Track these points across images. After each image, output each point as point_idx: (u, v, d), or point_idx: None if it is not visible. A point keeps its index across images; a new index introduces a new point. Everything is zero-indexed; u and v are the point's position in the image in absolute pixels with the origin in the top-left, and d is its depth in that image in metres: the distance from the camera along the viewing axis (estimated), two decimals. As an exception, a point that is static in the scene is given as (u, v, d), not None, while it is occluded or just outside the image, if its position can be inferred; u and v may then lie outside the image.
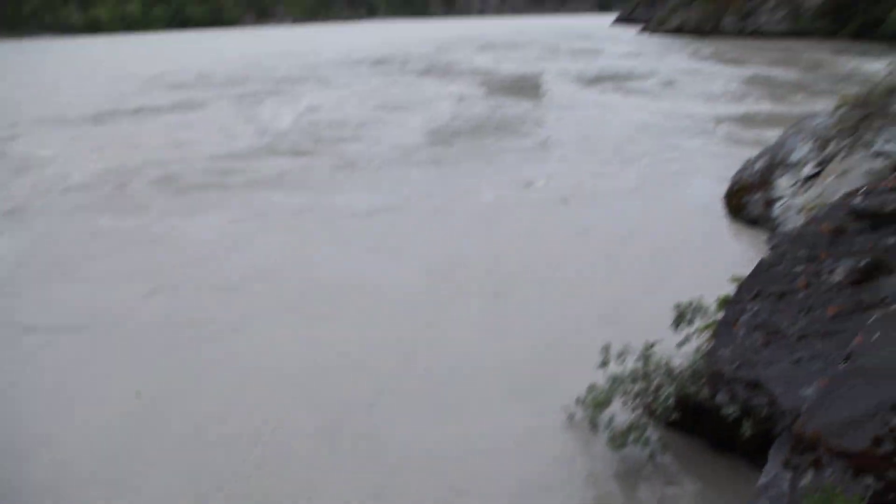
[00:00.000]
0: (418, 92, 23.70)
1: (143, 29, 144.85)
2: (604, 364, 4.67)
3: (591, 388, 4.66)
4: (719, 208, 10.08)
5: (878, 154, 9.43)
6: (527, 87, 25.22)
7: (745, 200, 10.26)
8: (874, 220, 3.20)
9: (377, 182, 11.62)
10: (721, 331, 3.49)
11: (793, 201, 9.98)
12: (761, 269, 3.51)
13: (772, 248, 3.59)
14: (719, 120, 17.34)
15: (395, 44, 60.14)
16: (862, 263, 3.09)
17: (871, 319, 2.37)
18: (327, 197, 10.67)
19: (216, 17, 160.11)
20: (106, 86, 30.22)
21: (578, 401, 4.71)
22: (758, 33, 63.74)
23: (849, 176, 9.57)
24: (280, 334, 6.22)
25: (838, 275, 3.15)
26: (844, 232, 3.30)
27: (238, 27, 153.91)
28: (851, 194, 3.52)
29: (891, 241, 3.06)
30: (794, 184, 10.35)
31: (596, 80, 27.62)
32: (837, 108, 11.19)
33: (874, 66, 25.45)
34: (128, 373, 5.61)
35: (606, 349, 4.73)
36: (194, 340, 6.13)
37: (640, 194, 10.74)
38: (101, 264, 8.04)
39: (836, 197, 8.70)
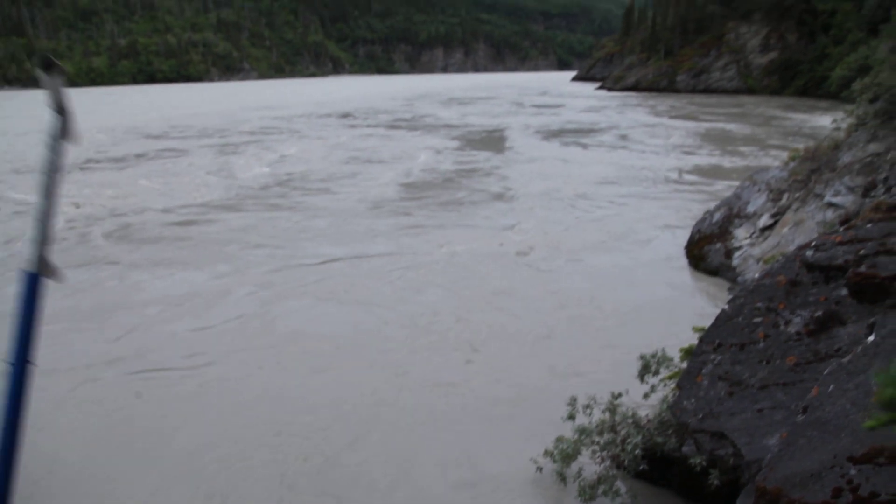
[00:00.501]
0: (387, 145, 23.99)
1: (108, 83, 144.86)
2: (571, 416, 4.67)
3: (559, 440, 4.65)
4: (681, 259, 10.29)
5: (829, 205, 9.79)
6: (492, 140, 25.72)
7: (706, 251, 10.52)
8: (826, 272, 3.33)
9: (348, 235, 11.62)
10: (685, 382, 3.54)
11: (751, 251, 10.27)
12: (721, 320, 3.59)
13: (731, 301, 3.69)
14: (677, 173, 17.86)
15: (363, 99, 61.07)
16: (817, 315, 3.19)
17: (826, 371, 2.44)
18: (300, 249, 10.64)
19: (182, 72, 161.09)
20: (83, 137, 29.85)
21: (547, 452, 4.68)
22: (710, 90, 66.46)
23: (803, 226, 9.92)
24: (272, 386, 6.09)
25: (795, 326, 3.25)
26: (799, 284, 3.41)
27: (204, 82, 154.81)
28: (804, 247, 3.66)
29: (842, 292, 3.17)
30: (752, 234, 10.67)
31: (558, 133, 28.32)
32: (788, 161, 11.66)
33: (820, 121, 26.66)
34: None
35: (573, 401, 4.74)
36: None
37: (604, 246, 10.93)
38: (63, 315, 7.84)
39: (792, 247, 9.01)
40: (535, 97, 62.26)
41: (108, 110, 50.67)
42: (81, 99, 70.76)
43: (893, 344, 2.16)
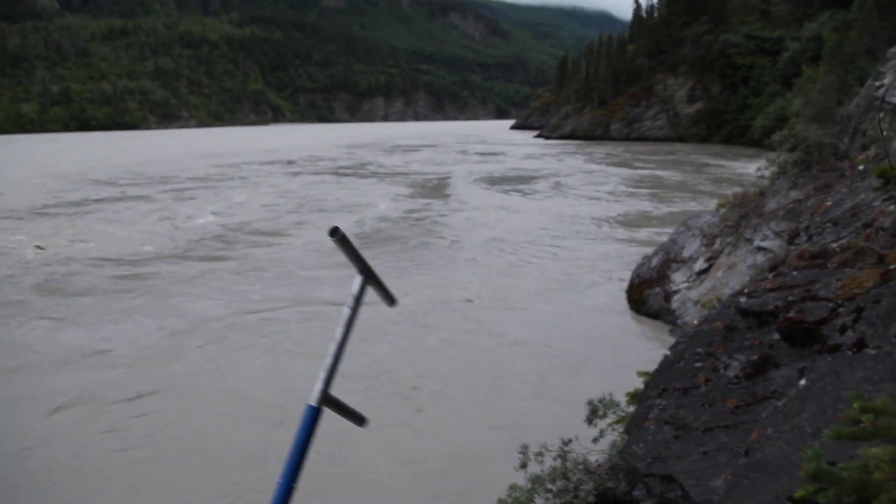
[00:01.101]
0: (335, 194, 23.99)
1: (39, 130, 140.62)
2: (523, 465, 4.72)
3: (513, 487, 4.68)
4: (622, 303, 10.59)
5: (758, 249, 10.30)
6: (437, 188, 26.07)
7: (646, 294, 10.87)
8: (759, 317, 3.53)
9: (296, 285, 11.52)
10: (633, 427, 3.66)
11: (689, 294, 10.68)
12: (664, 366, 3.74)
13: (672, 346, 3.86)
14: (615, 219, 18.46)
15: (307, 147, 61.07)
16: (753, 358, 3.38)
17: (765, 414, 2.60)
18: (247, 303, 10.47)
19: (118, 120, 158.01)
20: (38, 183, 30.10)
21: (500, 502, 4.70)
22: (642, 138, 69.34)
23: (736, 270, 10.39)
24: (230, 444, 5.92)
25: (733, 369, 3.42)
26: (735, 329, 3.60)
27: (141, 129, 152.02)
28: (738, 294, 3.88)
29: (775, 336, 3.37)
30: (689, 278, 11.10)
31: (500, 181, 28.93)
32: (719, 207, 12.26)
33: (747, 168, 28.07)
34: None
35: (525, 449, 4.80)
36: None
37: (547, 293, 11.16)
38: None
39: (727, 290, 9.41)
40: (475, 145, 63.52)
41: (57, 157, 49.17)
42: (25, 145, 68.41)
43: (822, 387, 2.33)
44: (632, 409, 4.40)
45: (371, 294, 1.20)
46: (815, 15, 57.97)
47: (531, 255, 13.95)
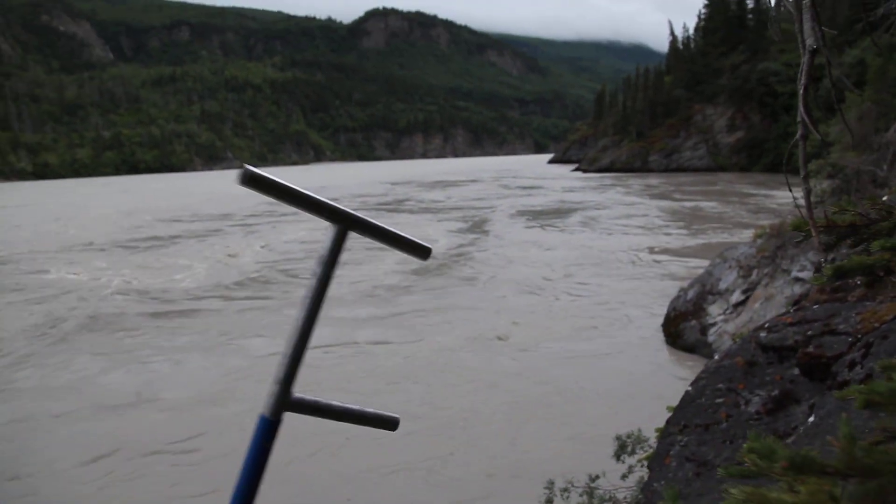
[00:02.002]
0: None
1: (92, 174, 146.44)
2: (549, 501, 4.70)
3: (539, 525, 4.65)
4: (658, 337, 10.45)
5: (795, 280, 10.09)
6: (475, 224, 26.24)
7: (682, 328, 10.71)
8: (779, 353, 3.49)
9: (339, 322, 11.69)
10: (655, 464, 3.63)
11: (725, 327, 10.48)
12: (686, 402, 3.72)
13: (694, 382, 3.83)
14: (652, 251, 18.28)
15: (353, 184, 62.34)
16: (773, 394, 3.34)
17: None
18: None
19: (165, 162, 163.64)
20: (117, 221, 33.03)
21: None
22: (682, 169, 68.65)
23: (773, 301, 10.18)
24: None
25: (754, 405, 3.39)
26: (756, 364, 3.57)
27: (187, 171, 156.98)
28: (759, 329, 3.84)
29: (795, 371, 3.33)
30: (725, 310, 10.91)
31: (539, 215, 28.97)
32: (756, 237, 12.07)
33: (786, 196, 27.55)
34: None
35: (551, 485, 4.77)
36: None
37: (582, 327, 11.08)
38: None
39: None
40: (513, 179, 63.81)
41: (134, 197, 51.66)
42: (91, 188, 71.33)
43: (831, 424, 2.31)
44: (657, 444, 4.36)
45: (420, 332, 1.11)
46: (857, 40, 57.18)
47: (567, 289, 13.90)
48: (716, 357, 3.87)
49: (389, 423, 0.92)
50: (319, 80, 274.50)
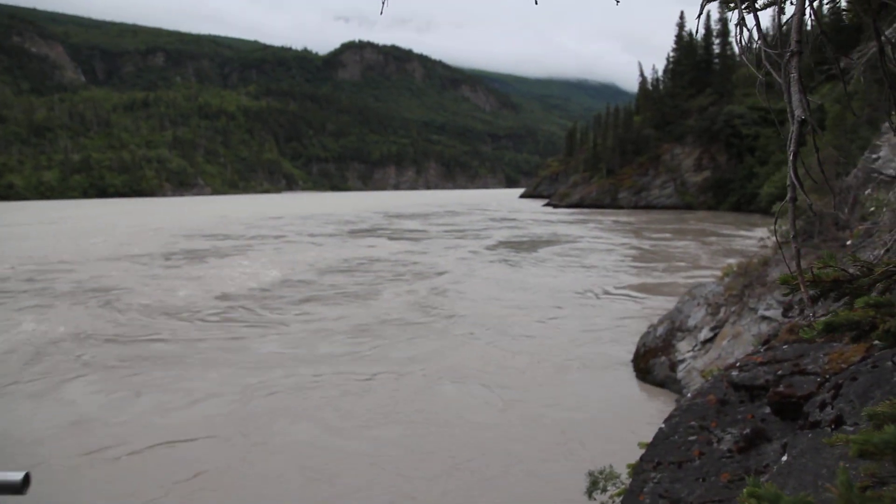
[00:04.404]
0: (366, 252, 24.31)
1: (59, 197, 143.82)
2: (522, 540, 4.66)
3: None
4: (628, 372, 10.53)
5: (762, 318, 10.29)
6: (440, 257, 26.30)
7: (652, 364, 10.82)
8: (750, 391, 3.56)
9: (326, 357, 11.55)
10: (628, 501, 3.63)
11: (694, 363, 10.61)
12: (659, 439, 3.75)
13: (667, 419, 3.87)
14: (622, 287, 18.50)
15: (330, 213, 62.17)
16: (745, 432, 3.39)
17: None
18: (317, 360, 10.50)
19: (135, 187, 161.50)
20: (153, 236, 34.80)
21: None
22: (650, 206, 69.98)
23: (741, 339, 10.35)
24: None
25: (726, 443, 3.43)
26: (728, 403, 3.63)
27: (157, 197, 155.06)
28: (730, 367, 3.91)
29: (766, 410, 3.39)
30: (694, 347, 11.06)
31: (506, 249, 29.17)
32: (724, 276, 12.31)
33: (752, 235, 28.22)
34: None
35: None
36: None
37: (551, 363, 11.11)
38: None
39: (731, 359, 9.36)
40: (487, 213, 64.26)
41: (144, 217, 50.62)
42: (106, 210, 69.86)
43: (803, 464, 2.35)
44: (631, 481, 4.37)
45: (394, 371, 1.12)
46: (817, 87, 59.35)
47: (537, 323, 13.95)
48: (688, 395, 3.92)
49: (10, 487, 0.72)
50: (293, 110, 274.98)
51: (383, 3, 2.34)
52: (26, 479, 0.72)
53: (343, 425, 8.05)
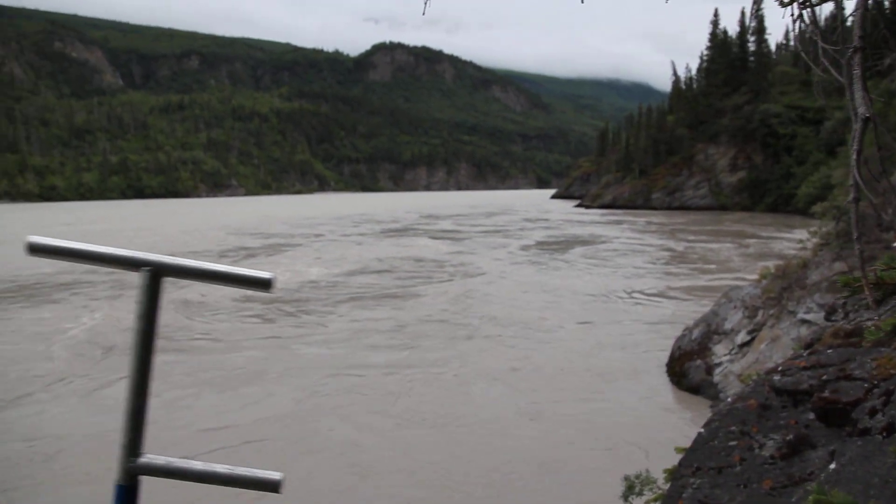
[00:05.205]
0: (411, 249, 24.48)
1: (98, 198, 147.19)
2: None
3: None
4: (662, 375, 10.39)
5: (802, 321, 10.07)
6: (477, 258, 26.28)
7: (687, 367, 10.64)
8: (793, 396, 3.48)
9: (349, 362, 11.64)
10: (667, 507, 3.58)
11: (731, 367, 10.42)
12: (698, 444, 3.68)
13: (706, 424, 3.80)
14: (656, 289, 18.26)
15: (363, 213, 62.77)
16: (788, 438, 3.31)
17: (795, 498, 2.54)
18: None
19: (170, 188, 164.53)
20: (197, 234, 36.81)
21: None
22: (684, 207, 68.92)
23: (779, 343, 10.14)
24: None
25: (768, 449, 3.35)
26: (770, 408, 3.55)
27: (192, 197, 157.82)
28: (772, 371, 3.82)
29: (810, 416, 3.31)
30: (731, 350, 10.86)
31: (539, 250, 29.01)
32: (761, 278, 12.06)
33: (790, 237, 27.63)
34: None
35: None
36: None
37: (584, 366, 11.02)
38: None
39: (770, 363, 9.18)
40: (517, 214, 64.06)
41: (194, 218, 52.17)
42: (152, 210, 71.66)
43: (852, 472, 2.29)
44: (668, 486, 4.30)
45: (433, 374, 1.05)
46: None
47: (570, 327, 13.85)
48: (726, 399, 3.85)
49: (269, 485, 0.80)
50: (325, 112, 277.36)
51: (426, 3, 2.35)
52: (281, 481, 0.80)
53: (380, 426, 8.09)
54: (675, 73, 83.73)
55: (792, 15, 1.42)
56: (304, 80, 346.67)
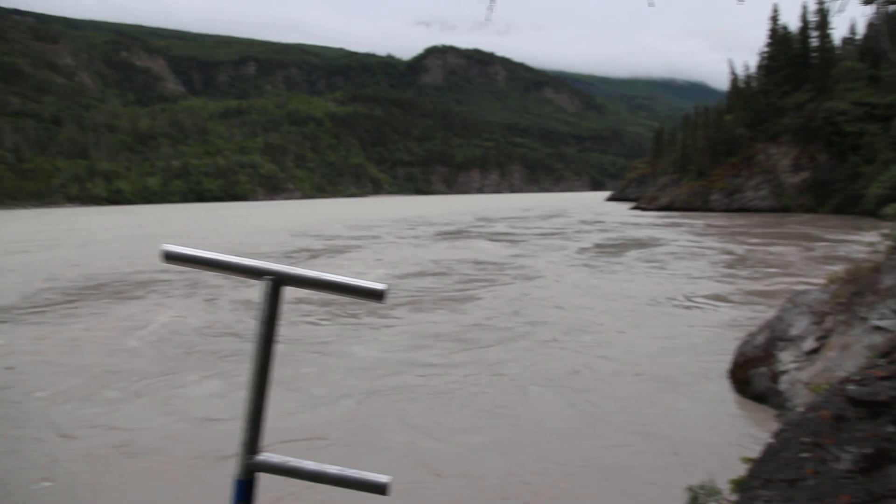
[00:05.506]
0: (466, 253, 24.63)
1: (161, 201, 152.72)
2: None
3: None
4: (723, 383, 10.12)
5: (875, 328, 9.66)
6: (533, 260, 26.14)
7: (751, 374, 10.32)
8: (871, 407, 3.33)
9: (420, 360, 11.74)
10: (736, 519, 3.48)
11: (798, 375, 10.05)
12: (768, 455, 3.57)
13: (776, 434, 3.68)
14: (715, 294, 17.80)
15: (419, 216, 63.31)
16: (867, 452, 3.18)
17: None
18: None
19: (229, 192, 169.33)
20: (263, 236, 38.29)
21: None
22: (744, 209, 66.96)
23: (851, 350, 9.73)
24: None
25: (845, 463, 3.22)
26: (845, 419, 3.41)
27: (250, 200, 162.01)
28: (846, 381, 3.68)
29: (890, 429, 3.17)
30: (798, 357, 10.48)
31: (599, 253, 28.67)
32: (829, 282, 11.61)
33: (859, 239, 26.55)
34: None
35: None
36: None
37: (641, 373, 10.82)
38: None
39: (841, 372, 8.83)
40: (572, 217, 63.47)
41: (256, 220, 54.04)
42: (217, 213, 74.41)
43: (943, 489, 2.18)
44: (735, 497, 4.19)
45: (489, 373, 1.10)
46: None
47: (625, 331, 13.63)
48: (795, 408, 3.72)
49: (377, 487, 0.83)
50: (378, 115, 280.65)
51: (489, 8, 2.35)
52: (389, 483, 0.82)
53: (439, 429, 8.12)
54: (732, 72, 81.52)
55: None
56: (357, 84, 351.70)
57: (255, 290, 17.30)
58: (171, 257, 0.80)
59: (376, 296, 0.83)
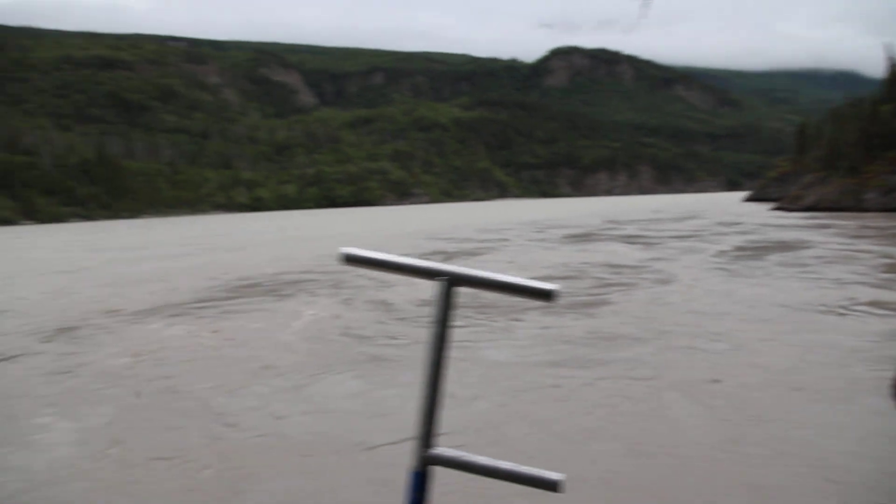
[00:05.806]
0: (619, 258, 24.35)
1: (296, 207, 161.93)
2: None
3: None
4: (883, 399, 9.18)
5: None
6: (670, 266, 25.19)
7: (917, 391, 9.34)
8: None
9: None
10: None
11: (975, 395, 8.97)
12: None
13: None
14: (869, 302, 16.25)
15: (547, 219, 63.00)
16: None
17: None
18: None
19: (360, 198, 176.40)
20: (395, 239, 40.12)
21: None
22: (906, 209, 60.81)
23: None
24: None
25: None
26: None
27: (379, 206, 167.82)
28: None
29: None
30: (974, 374, 9.36)
31: (738, 257, 27.15)
32: None
33: None
34: None
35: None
36: None
37: (790, 382, 10.06)
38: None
39: None
40: (707, 219, 60.58)
41: (393, 222, 57.14)
42: (353, 217, 79.20)
43: None
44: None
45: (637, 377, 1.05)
46: None
47: (768, 340, 12.72)
48: None
49: (549, 484, 0.81)
50: (503, 119, 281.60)
51: (643, 5, 2.25)
52: (561, 481, 0.81)
53: (572, 437, 7.96)
54: (889, 56, 74.33)
55: None
56: (482, 89, 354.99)
57: (392, 292, 17.92)
58: (349, 259, 0.84)
59: (547, 296, 0.85)
